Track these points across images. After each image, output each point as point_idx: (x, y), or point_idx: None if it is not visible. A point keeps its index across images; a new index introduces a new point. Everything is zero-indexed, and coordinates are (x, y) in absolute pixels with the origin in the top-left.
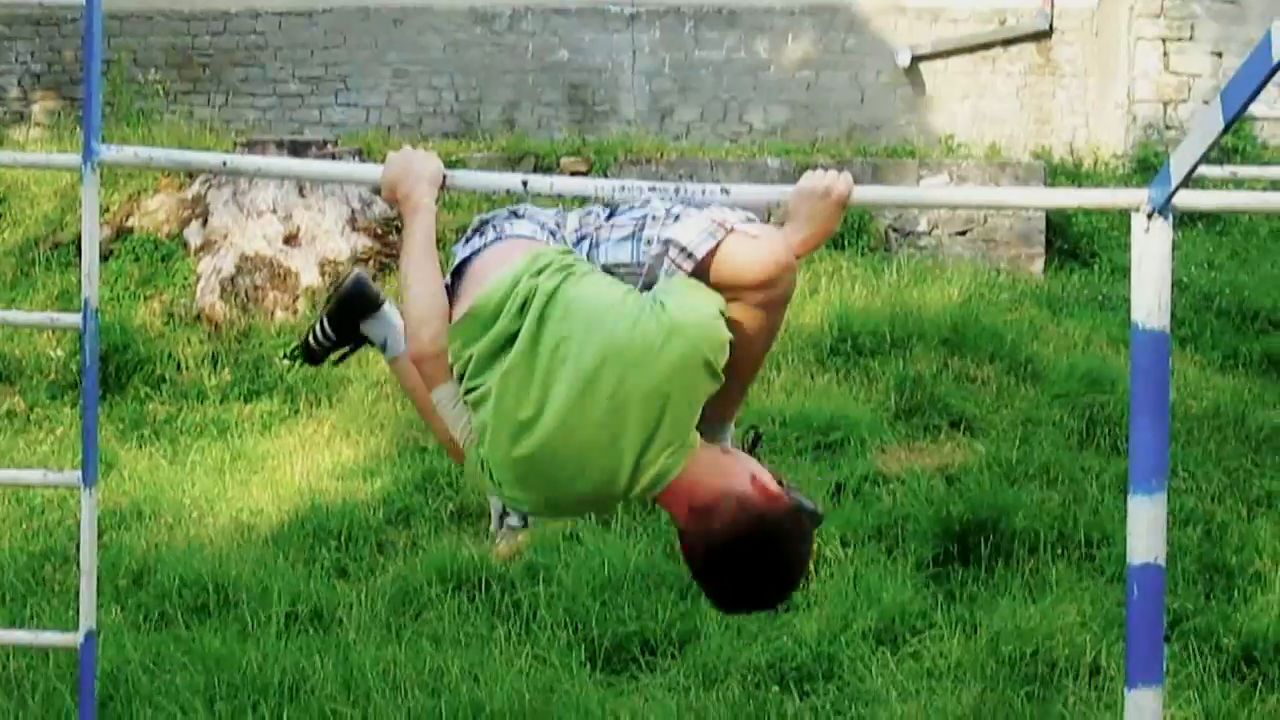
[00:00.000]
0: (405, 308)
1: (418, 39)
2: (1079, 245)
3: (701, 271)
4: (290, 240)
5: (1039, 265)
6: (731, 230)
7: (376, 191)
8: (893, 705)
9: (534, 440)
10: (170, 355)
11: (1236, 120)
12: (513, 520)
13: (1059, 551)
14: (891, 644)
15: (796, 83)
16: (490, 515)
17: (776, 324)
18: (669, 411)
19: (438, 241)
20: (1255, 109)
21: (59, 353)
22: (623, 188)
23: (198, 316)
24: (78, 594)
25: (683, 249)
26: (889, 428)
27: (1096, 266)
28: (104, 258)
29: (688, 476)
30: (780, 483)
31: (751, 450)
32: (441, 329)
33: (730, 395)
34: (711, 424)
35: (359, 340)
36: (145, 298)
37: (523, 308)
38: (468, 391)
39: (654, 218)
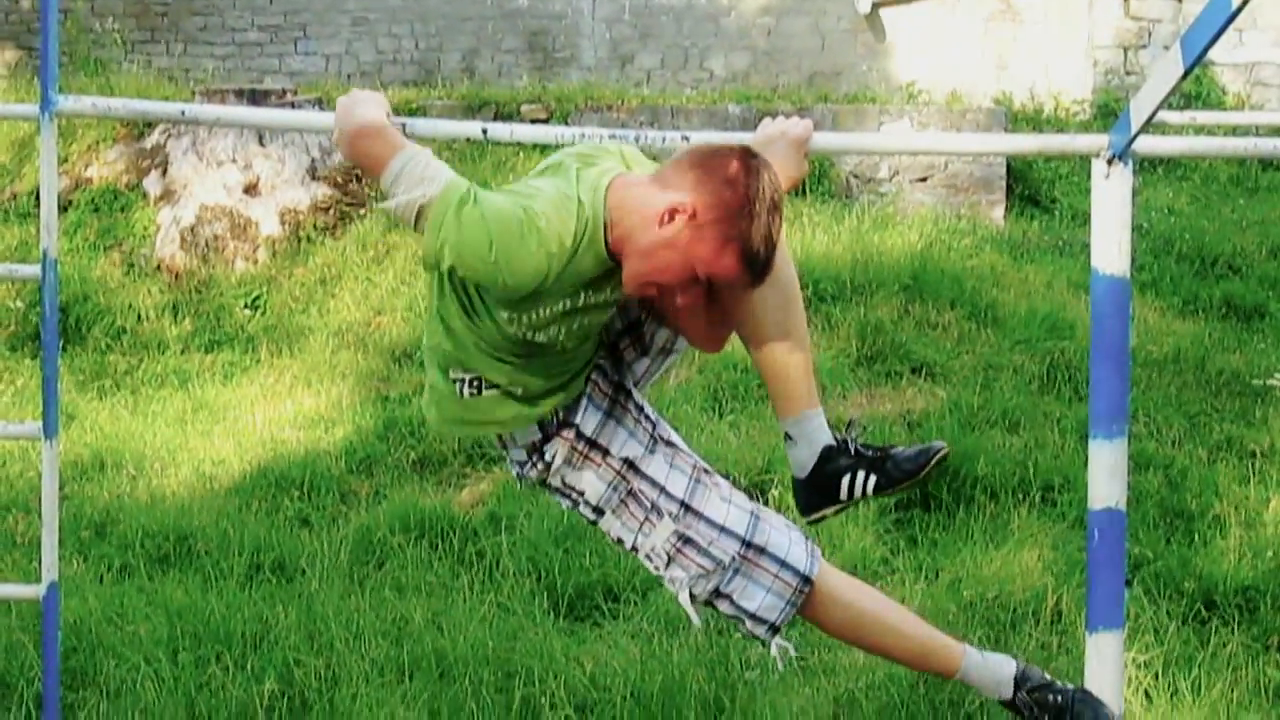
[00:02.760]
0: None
1: None
2: (1040, 191)
3: None
4: (250, 190)
5: (999, 211)
6: None
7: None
8: (854, 651)
9: None
10: (130, 306)
11: (1196, 66)
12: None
13: (1020, 497)
14: None
15: (757, 29)
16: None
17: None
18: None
19: None
20: (1215, 54)
21: (18, 304)
22: (583, 135)
23: (158, 267)
24: (39, 546)
25: None
26: (850, 374)
27: (1057, 212)
28: (62, 209)
29: (619, 232)
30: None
31: (847, 429)
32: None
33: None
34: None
35: None
36: (105, 249)
37: None
38: None
39: None
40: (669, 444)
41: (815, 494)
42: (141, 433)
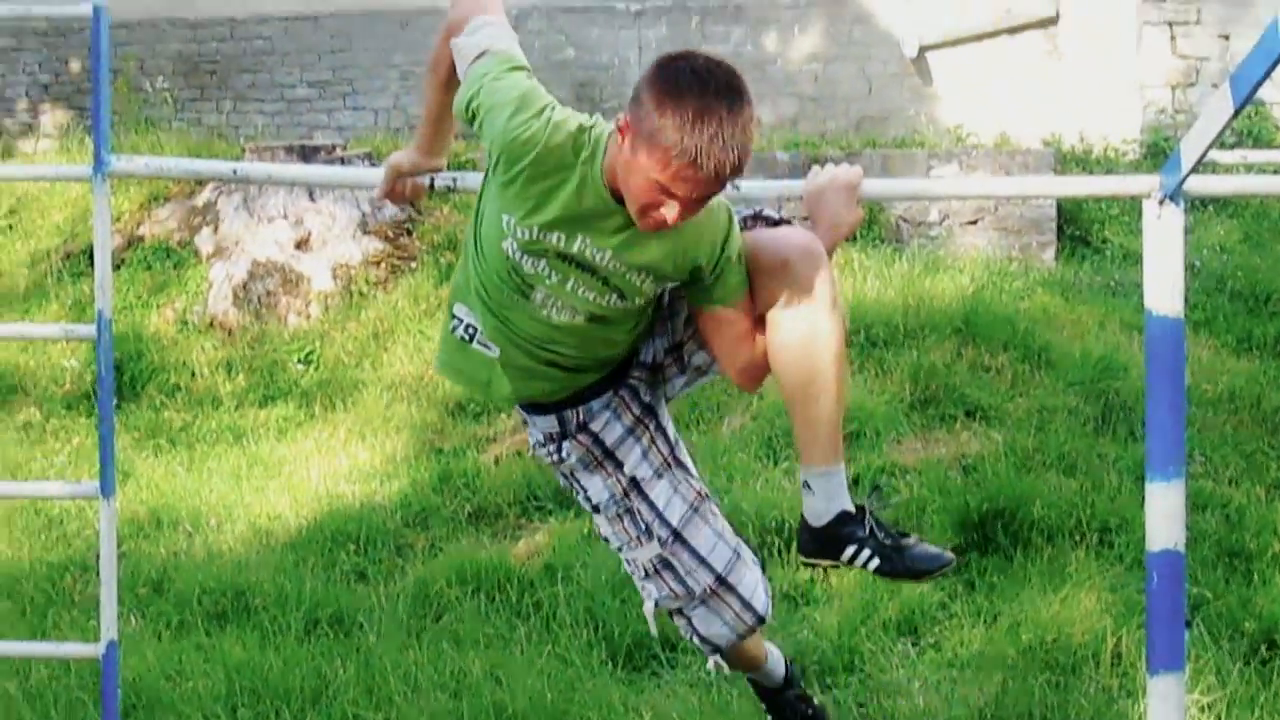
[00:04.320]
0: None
1: (424, 40)
2: (1090, 231)
3: None
4: (302, 245)
5: (1050, 253)
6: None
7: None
8: (914, 696)
9: None
10: (184, 363)
11: (1246, 104)
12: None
13: (1077, 539)
14: (912, 635)
15: (804, 75)
16: None
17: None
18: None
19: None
20: (1265, 92)
21: (74, 363)
22: None
23: (211, 323)
24: (98, 604)
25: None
26: (904, 419)
27: (1108, 252)
28: (116, 266)
29: (610, 172)
30: None
31: (871, 494)
32: None
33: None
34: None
35: None
36: (158, 306)
37: None
38: None
39: None
40: (680, 466)
41: (819, 545)
42: (197, 489)
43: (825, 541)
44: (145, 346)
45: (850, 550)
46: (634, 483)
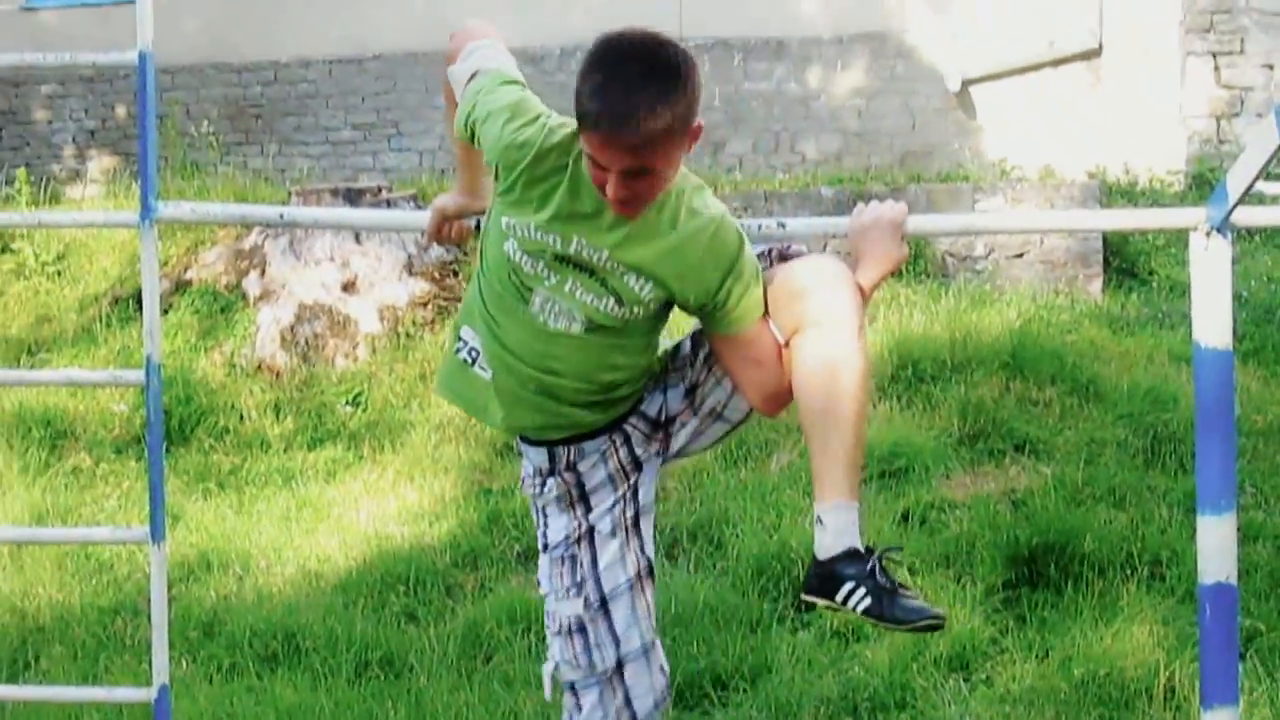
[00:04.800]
0: None
1: None
2: (1137, 263)
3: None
4: (348, 287)
5: (1097, 285)
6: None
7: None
8: None
9: None
10: (233, 406)
11: None
12: None
13: (1128, 572)
14: (964, 670)
15: (848, 111)
16: None
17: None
18: None
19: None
20: None
21: (123, 407)
22: None
23: (259, 366)
24: (149, 648)
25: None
26: (953, 454)
27: (1155, 284)
28: (164, 311)
29: None
30: None
31: (885, 551)
32: None
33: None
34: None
35: None
36: (206, 349)
37: None
38: None
39: None
40: (638, 534)
41: (820, 581)
42: (247, 532)
43: (825, 578)
44: (194, 390)
45: (846, 588)
46: (590, 532)
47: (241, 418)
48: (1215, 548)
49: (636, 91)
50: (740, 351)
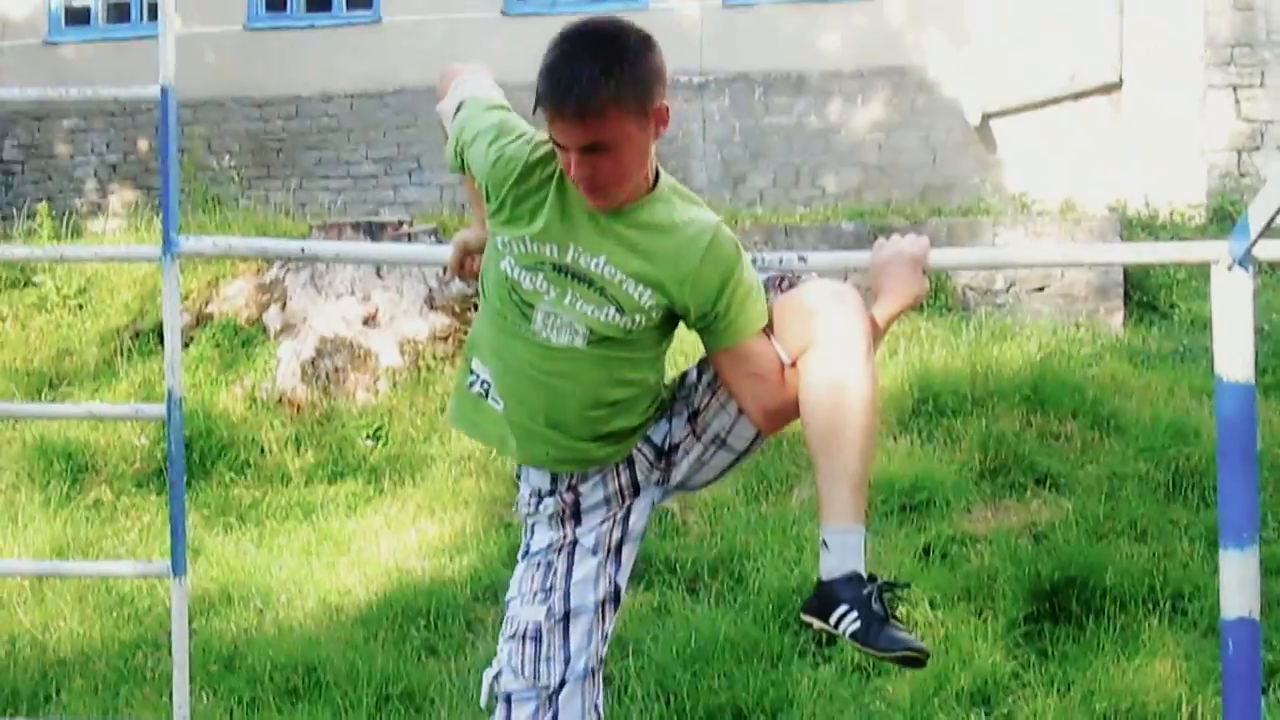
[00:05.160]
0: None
1: None
2: (1157, 297)
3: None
4: (369, 321)
5: (1118, 319)
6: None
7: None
8: None
9: None
10: (254, 439)
11: None
12: None
13: (1150, 606)
14: (985, 705)
15: (868, 145)
16: None
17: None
18: None
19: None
20: None
21: (143, 440)
22: None
23: (280, 400)
24: (170, 681)
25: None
26: (974, 487)
27: (1175, 317)
28: (185, 344)
29: None
30: None
31: (890, 584)
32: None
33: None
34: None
35: None
36: (227, 383)
37: None
38: None
39: None
40: (617, 559)
41: (819, 603)
42: (267, 565)
43: (824, 599)
44: (214, 424)
45: (840, 611)
46: (572, 544)
47: (262, 451)
48: (1238, 582)
49: (580, 64)
50: (741, 366)
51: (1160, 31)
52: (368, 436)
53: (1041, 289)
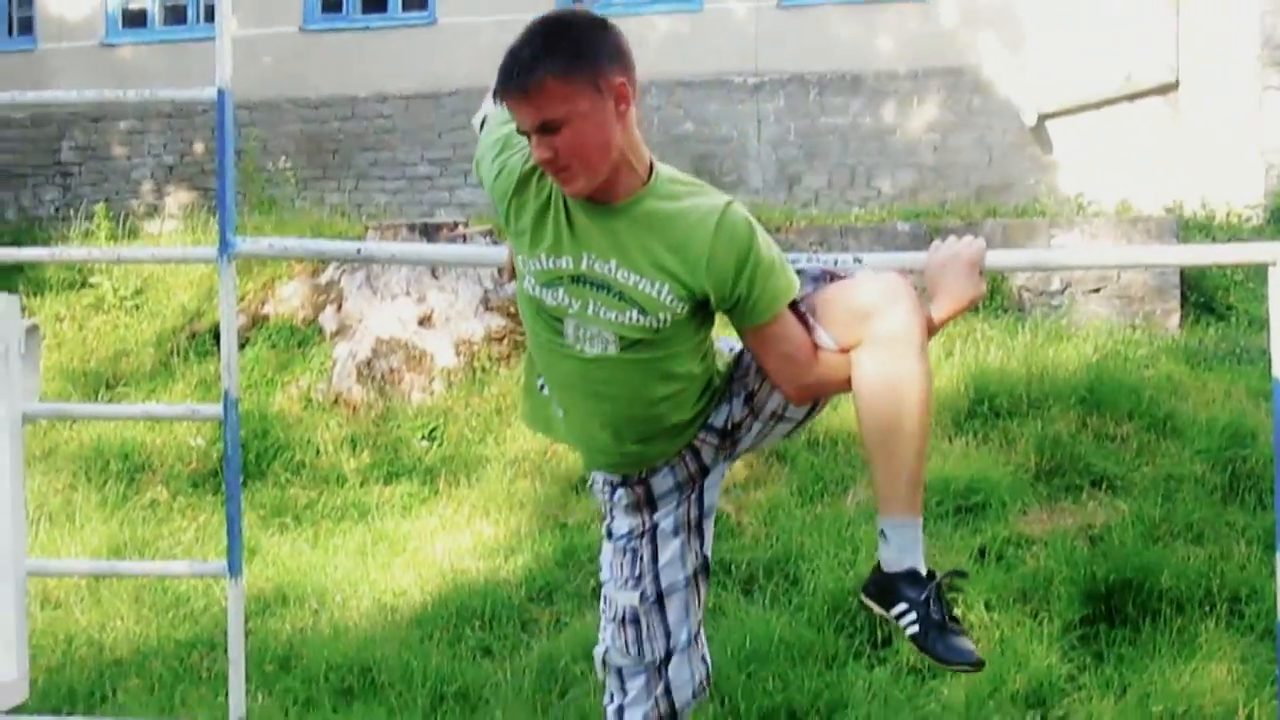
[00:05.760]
0: None
1: None
2: (1214, 298)
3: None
4: (424, 322)
5: (1175, 320)
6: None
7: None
8: None
9: None
10: (309, 440)
11: None
12: None
13: (1207, 609)
14: (1041, 707)
15: (923, 145)
16: None
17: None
18: None
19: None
20: None
21: (199, 441)
22: None
23: (335, 400)
24: (226, 681)
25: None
26: (1029, 489)
27: (1233, 319)
28: (241, 345)
29: None
30: None
31: (948, 575)
32: None
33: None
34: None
35: None
36: (283, 384)
37: None
38: None
39: None
40: (699, 533)
41: (879, 590)
42: (323, 566)
43: (885, 589)
44: (270, 424)
45: (900, 608)
46: (653, 529)
47: (318, 452)
48: None
49: (524, 47)
50: (772, 347)
51: (1217, 32)
52: (423, 437)
53: (1097, 290)
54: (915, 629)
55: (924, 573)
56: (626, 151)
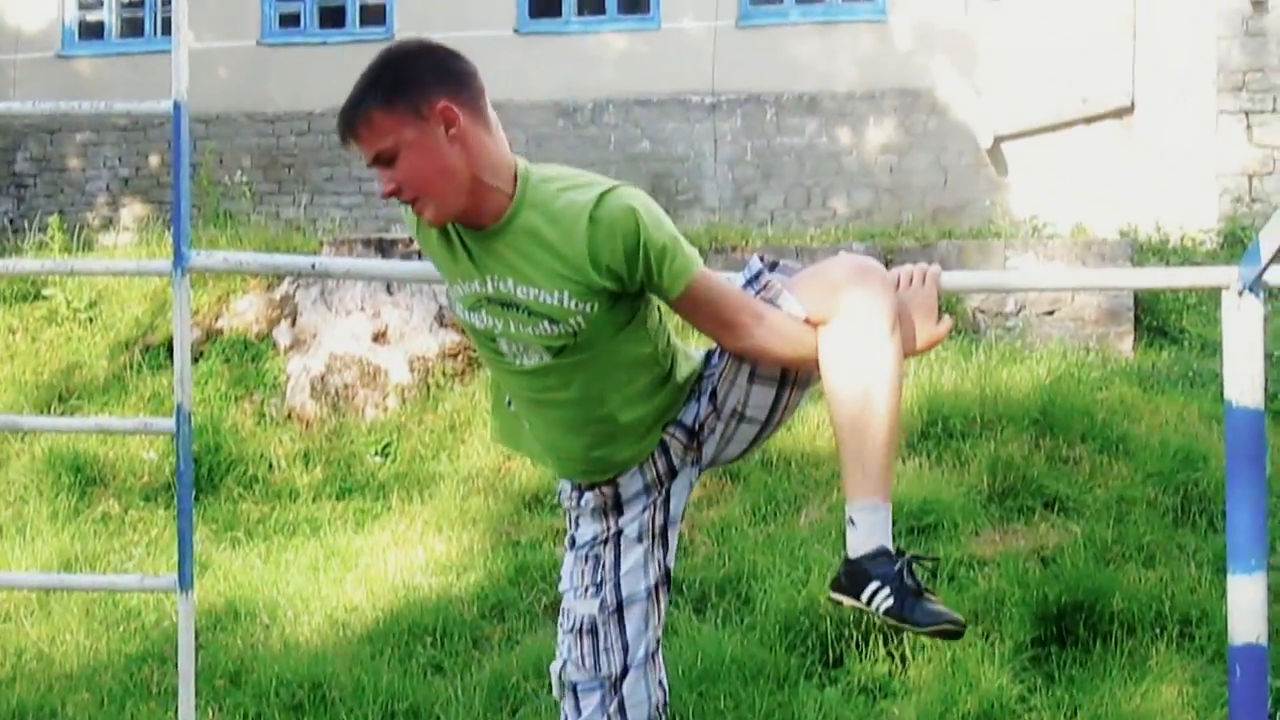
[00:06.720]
0: None
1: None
2: (1167, 321)
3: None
4: (379, 338)
5: (1128, 343)
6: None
7: None
8: None
9: None
10: (262, 455)
11: None
12: None
13: (1158, 631)
14: None
15: (879, 166)
16: None
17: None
18: None
19: None
20: None
21: (152, 455)
22: None
23: (289, 416)
24: (176, 696)
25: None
26: (982, 510)
27: (1185, 342)
28: (195, 359)
29: None
30: None
31: (918, 557)
32: None
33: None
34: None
35: None
36: (236, 398)
37: None
38: None
39: None
40: (663, 542)
41: (848, 580)
42: (274, 581)
43: (853, 576)
44: (223, 439)
45: (872, 587)
46: (617, 535)
47: (271, 467)
48: (1246, 607)
49: (357, 85)
50: (696, 314)
51: (1173, 56)
52: (376, 453)
53: (1051, 312)
54: (890, 602)
55: (893, 550)
56: (477, 172)
